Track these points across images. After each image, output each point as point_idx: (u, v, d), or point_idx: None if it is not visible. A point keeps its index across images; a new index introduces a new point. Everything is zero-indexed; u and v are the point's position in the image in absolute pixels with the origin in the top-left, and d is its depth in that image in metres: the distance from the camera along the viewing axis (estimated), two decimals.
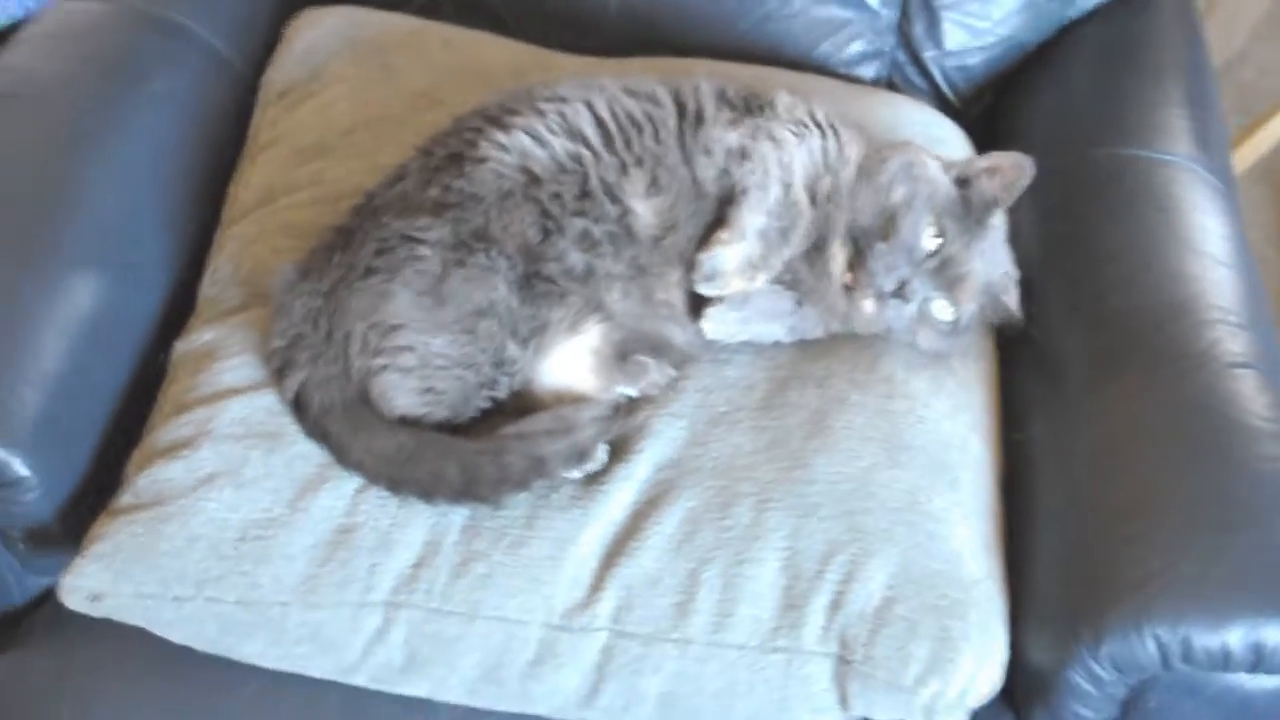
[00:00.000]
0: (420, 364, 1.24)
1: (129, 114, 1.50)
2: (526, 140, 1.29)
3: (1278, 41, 2.61)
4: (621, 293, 1.28)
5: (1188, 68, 1.67)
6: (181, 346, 1.37)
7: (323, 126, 1.56)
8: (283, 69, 1.67)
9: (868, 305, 1.28)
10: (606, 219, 1.27)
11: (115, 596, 1.20)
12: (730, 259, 1.26)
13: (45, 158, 1.44)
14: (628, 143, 1.30)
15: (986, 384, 1.37)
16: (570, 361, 1.29)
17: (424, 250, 1.24)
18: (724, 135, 1.31)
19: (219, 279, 1.43)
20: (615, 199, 1.28)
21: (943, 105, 1.74)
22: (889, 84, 1.77)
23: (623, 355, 1.29)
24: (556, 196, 1.27)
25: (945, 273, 1.27)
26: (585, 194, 1.28)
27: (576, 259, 1.26)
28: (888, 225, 1.27)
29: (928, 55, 1.75)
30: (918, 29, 1.74)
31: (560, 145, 1.29)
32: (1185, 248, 1.38)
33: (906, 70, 1.77)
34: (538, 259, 1.25)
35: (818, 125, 1.34)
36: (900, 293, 1.26)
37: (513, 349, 1.25)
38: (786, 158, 1.30)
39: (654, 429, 1.28)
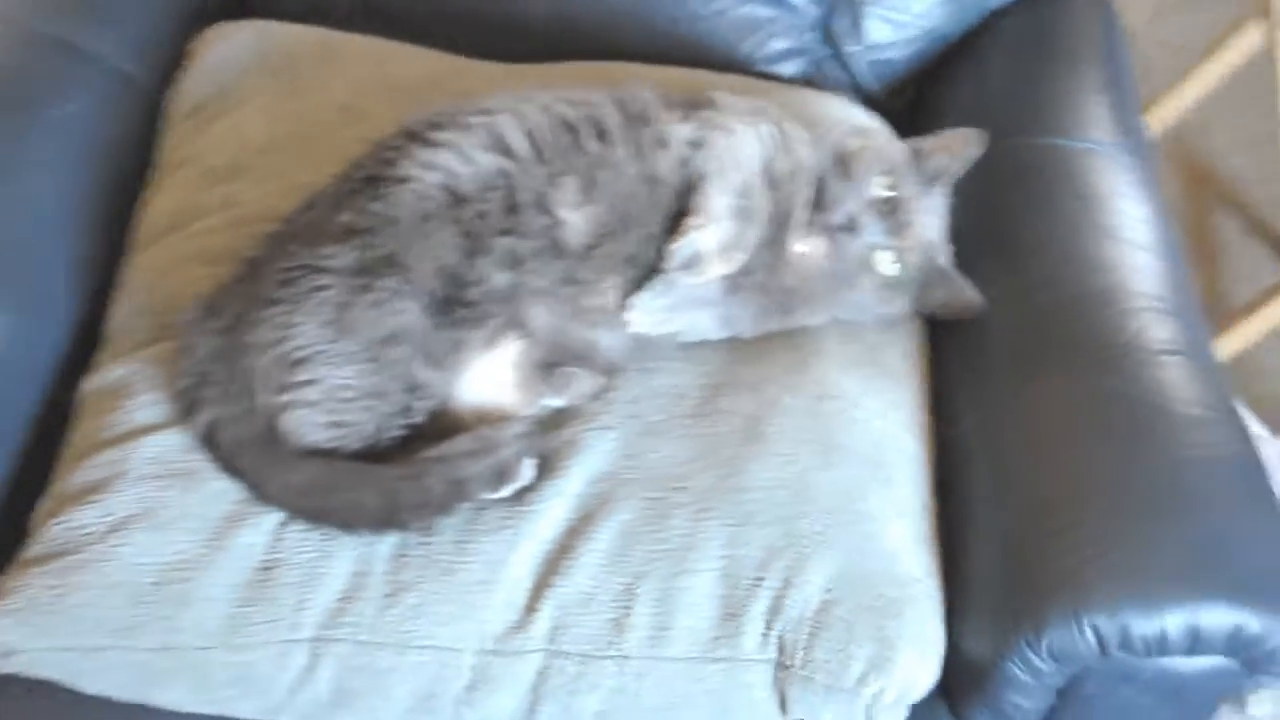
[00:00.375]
0: (326, 397, 1.21)
1: (25, 141, 1.46)
2: (451, 158, 1.26)
3: (1178, 16, 2.64)
4: (546, 308, 1.26)
5: (1104, 52, 1.68)
6: (89, 384, 1.33)
7: (235, 146, 1.53)
8: (191, 86, 1.64)
9: (818, 245, 1.29)
10: (533, 234, 1.25)
11: (28, 652, 1.18)
12: (708, 240, 1.26)
13: None
14: (560, 150, 1.28)
15: (918, 380, 1.37)
16: (490, 377, 1.27)
17: (326, 279, 1.21)
18: (678, 129, 1.31)
19: (127, 311, 1.40)
20: (544, 210, 1.26)
21: (865, 99, 1.73)
22: (808, 81, 1.75)
23: (547, 366, 1.27)
24: (481, 216, 1.24)
25: (893, 218, 1.29)
26: (511, 209, 1.25)
27: (500, 279, 1.24)
28: (842, 168, 1.30)
29: (849, 50, 1.74)
30: (840, 24, 1.73)
31: (486, 160, 1.27)
32: (1106, 235, 1.39)
33: (826, 66, 1.76)
34: (458, 283, 1.23)
35: (762, 116, 1.35)
36: (849, 226, 1.28)
37: (425, 373, 1.22)
38: (740, 144, 1.31)
39: (584, 442, 1.26)
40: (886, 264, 1.30)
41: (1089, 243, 1.37)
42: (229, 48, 1.67)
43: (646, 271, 1.29)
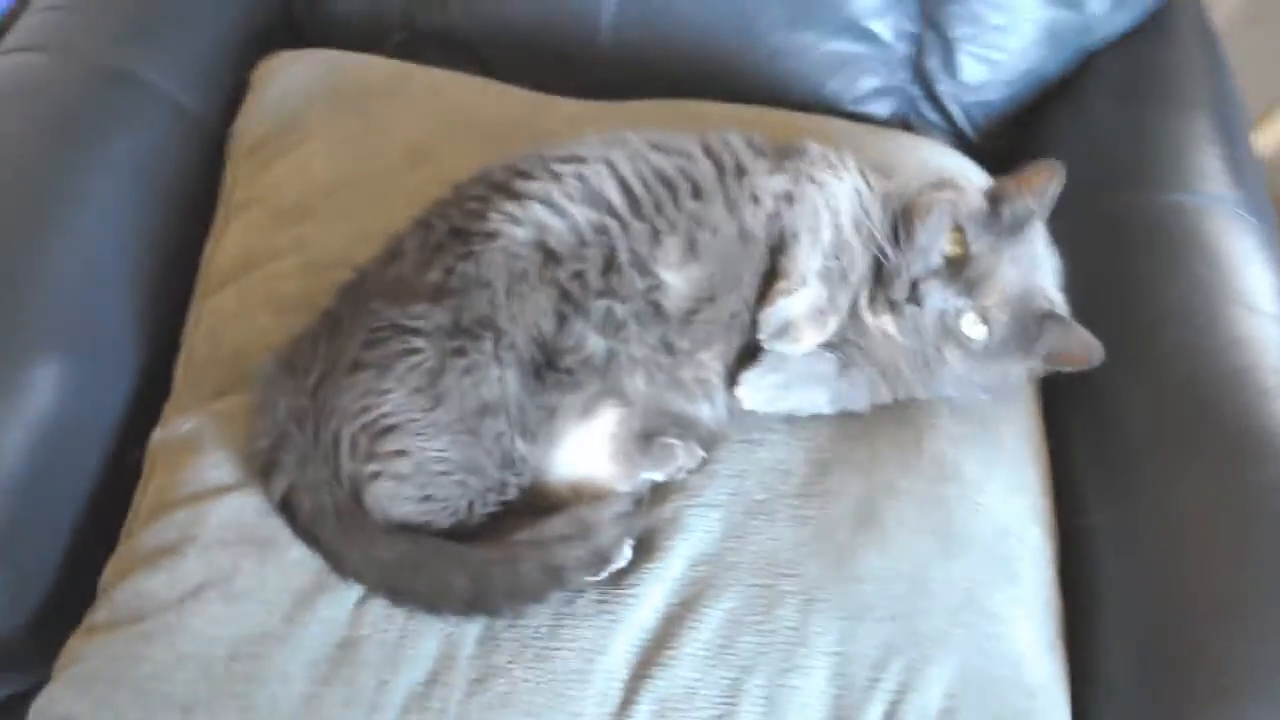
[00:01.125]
0: (417, 470, 1.16)
1: (86, 179, 1.41)
2: (542, 211, 1.20)
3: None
4: (644, 375, 1.21)
5: (1215, 97, 1.63)
6: (158, 438, 1.28)
7: (302, 185, 1.48)
8: (253, 120, 1.59)
9: (886, 323, 1.22)
10: (634, 296, 1.20)
11: None
12: (798, 306, 1.20)
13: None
14: (658, 205, 1.22)
15: (1039, 461, 1.32)
16: (586, 449, 1.21)
17: (418, 341, 1.16)
18: (769, 181, 1.25)
19: (197, 360, 1.35)
20: (645, 271, 1.20)
21: (961, 143, 1.69)
22: (904, 122, 1.71)
23: (645, 437, 1.21)
24: (577, 275, 1.19)
25: (965, 277, 1.20)
26: (610, 269, 1.20)
27: (596, 345, 1.19)
28: (903, 230, 1.22)
29: (943, 90, 1.70)
30: (932, 62, 1.69)
31: (581, 214, 1.21)
32: (1238, 304, 1.34)
33: (921, 106, 1.72)
34: (554, 348, 1.18)
35: (850, 169, 1.29)
36: (914, 297, 1.20)
37: (521, 447, 1.17)
38: (832, 199, 1.24)
39: (685, 521, 1.21)
40: (970, 327, 1.21)
41: (1221, 313, 1.32)
42: (290, 79, 1.62)
43: (744, 336, 1.23)
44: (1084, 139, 1.61)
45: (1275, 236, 1.47)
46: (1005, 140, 1.71)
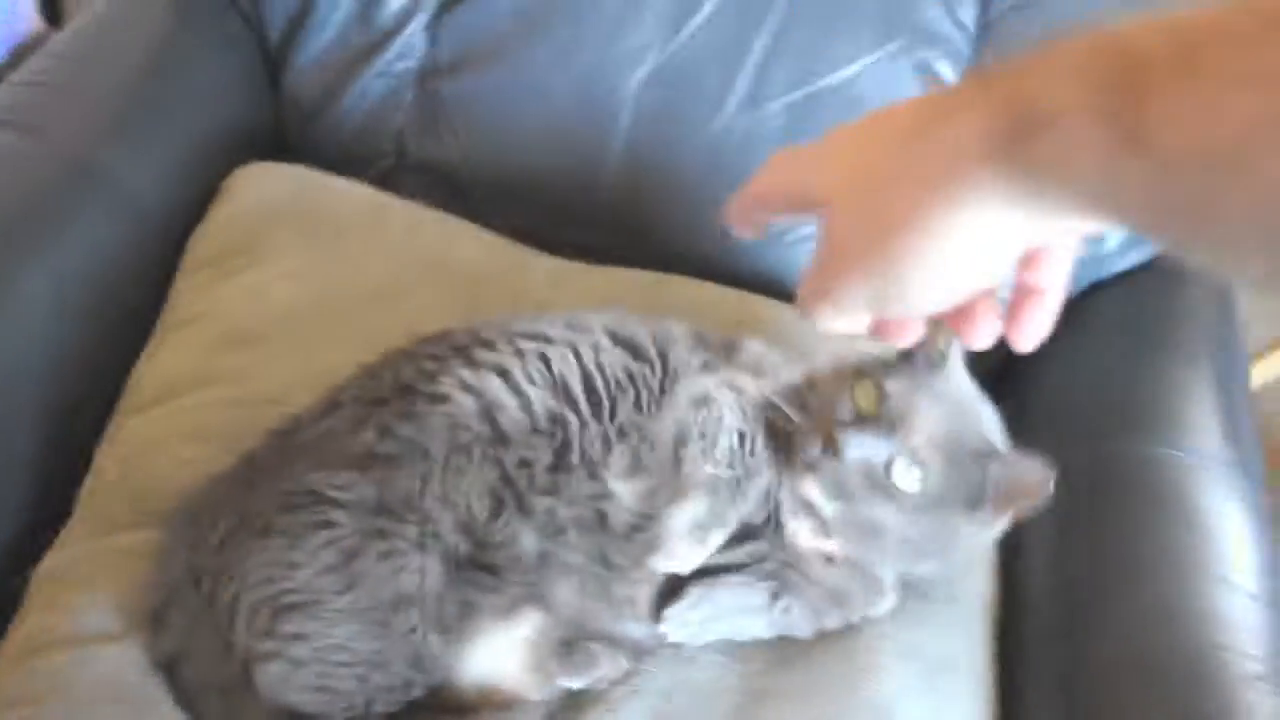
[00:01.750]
0: (315, 657, 1.07)
1: (23, 277, 1.36)
2: (498, 385, 1.14)
3: None
4: (575, 587, 1.13)
5: (1218, 346, 1.58)
6: (46, 566, 1.20)
7: (255, 309, 1.42)
8: (215, 231, 1.53)
9: (810, 489, 1.11)
10: (579, 501, 1.12)
11: None
12: (674, 520, 1.12)
13: None
14: (613, 408, 1.16)
15: (988, 715, 1.22)
16: (500, 653, 1.13)
17: (338, 515, 1.08)
18: (693, 384, 1.17)
19: (103, 485, 1.27)
20: (595, 476, 1.13)
21: None
22: None
23: (566, 643, 1.13)
24: (524, 464, 1.12)
25: (886, 418, 1.07)
26: (560, 466, 1.13)
27: (530, 544, 1.11)
28: (807, 395, 1.14)
29: None
30: None
31: (539, 400, 1.14)
32: (1219, 581, 1.27)
33: None
34: (481, 539, 1.10)
35: (777, 368, 1.22)
36: (829, 448, 1.07)
37: (434, 645, 1.09)
38: (743, 404, 1.15)
39: None
40: (901, 475, 1.07)
41: (1202, 589, 1.25)
42: (263, 193, 1.57)
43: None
44: (1077, 377, 1.56)
45: (1260, 495, 1.41)
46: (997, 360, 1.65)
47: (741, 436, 1.14)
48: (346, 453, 1.11)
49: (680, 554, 1.12)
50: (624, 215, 1.67)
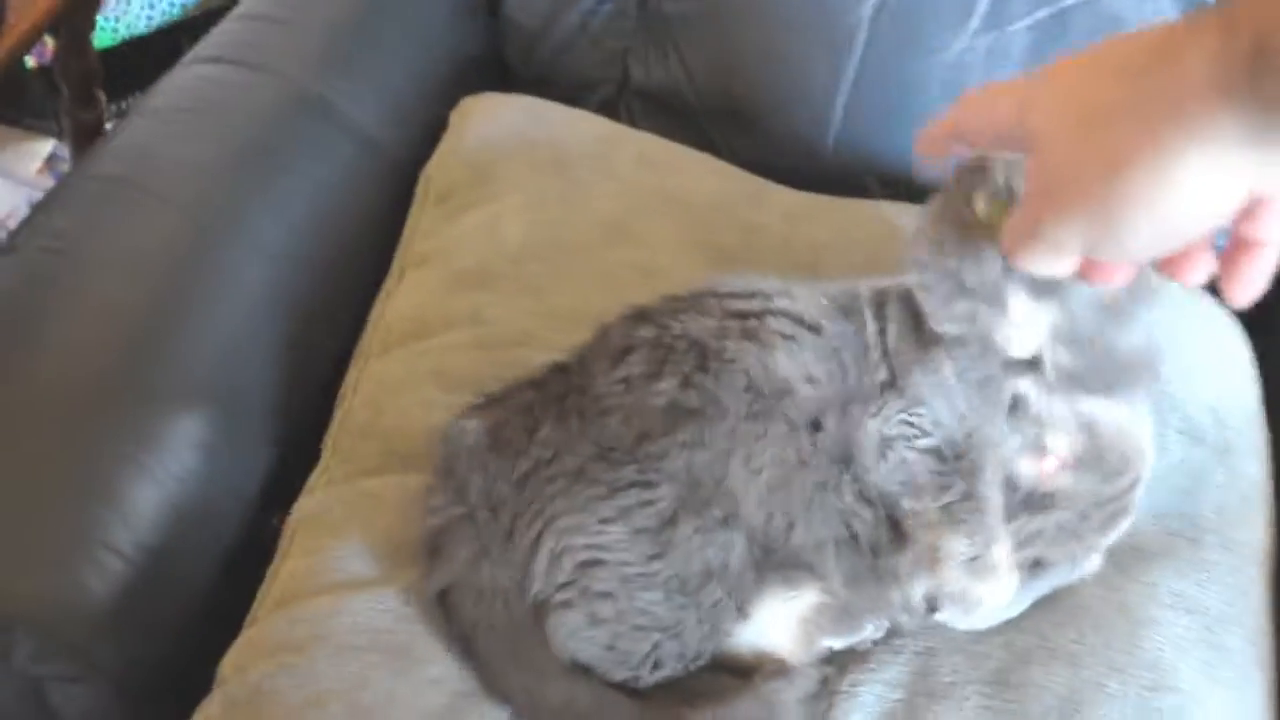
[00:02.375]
0: (617, 617, 1.05)
1: (256, 215, 1.36)
2: (784, 359, 1.09)
3: None
4: (847, 574, 1.10)
5: None
6: (300, 512, 1.21)
7: (488, 247, 1.40)
8: (446, 165, 1.52)
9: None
10: (846, 504, 1.09)
11: None
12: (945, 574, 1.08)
13: (155, 267, 1.30)
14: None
15: (1265, 673, 1.18)
16: (778, 623, 1.10)
17: (656, 477, 1.05)
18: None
19: (351, 428, 1.27)
20: (858, 480, 1.10)
21: None
22: None
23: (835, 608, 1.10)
24: (811, 446, 1.08)
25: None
26: (837, 457, 1.09)
27: (813, 531, 1.08)
28: None
29: None
30: None
31: (823, 380, 1.10)
32: None
33: None
34: (773, 521, 1.07)
35: None
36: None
37: (729, 619, 1.06)
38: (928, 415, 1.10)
39: (861, 698, 1.10)
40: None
41: None
42: (491, 126, 1.55)
43: None
44: None
45: None
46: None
47: (938, 453, 1.07)
48: (651, 405, 1.07)
49: (976, 598, 1.07)
50: (855, 143, 1.62)
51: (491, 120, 1.56)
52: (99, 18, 2.20)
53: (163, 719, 1.10)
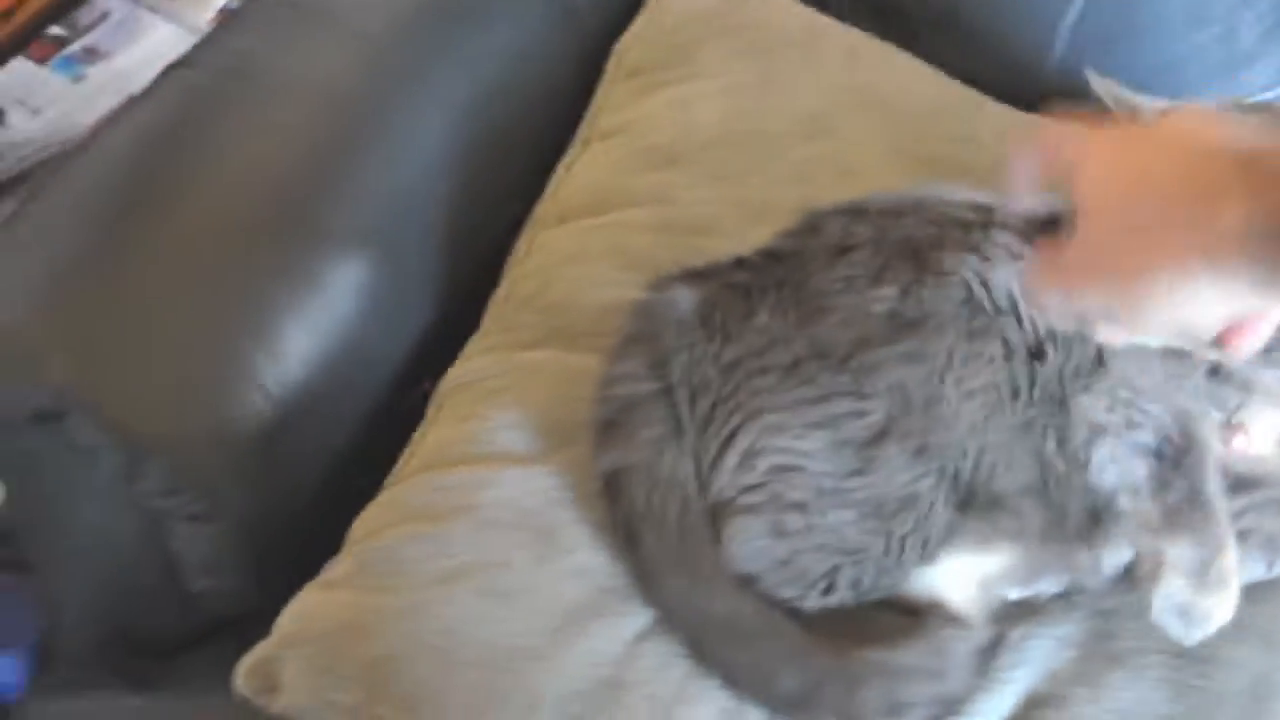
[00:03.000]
0: (802, 531, 0.98)
1: (444, 69, 1.32)
2: (1005, 281, 1.01)
3: None
4: (1037, 539, 1.02)
5: None
6: (454, 377, 1.16)
7: (680, 127, 1.33)
8: (643, 40, 1.45)
9: None
10: (1054, 455, 1.02)
11: (297, 694, 0.98)
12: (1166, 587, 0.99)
13: (335, 100, 1.26)
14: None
15: None
16: (963, 576, 1.03)
17: (871, 390, 0.98)
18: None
19: (517, 296, 1.22)
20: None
21: None
22: None
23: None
24: (1034, 387, 1.00)
25: None
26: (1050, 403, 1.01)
27: (1019, 480, 1.00)
28: None
29: None
30: None
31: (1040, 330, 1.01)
32: None
33: None
34: (979, 466, 1.00)
35: None
36: None
37: (913, 557, 0.99)
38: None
39: (1031, 652, 1.02)
40: None
41: None
42: (693, 4, 1.48)
43: None
44: None
45: None
46: None
47: (1158, 454, 0.99)
48: (871, 311, 1.00)
49: (1204, 611, 0.97)
50: (1081, 65, 1.51)
51: (696, 1, 1.48)
52: None
53: (288, 576, 1.05)
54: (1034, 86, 1.47)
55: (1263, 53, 1.45)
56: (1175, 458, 0.98)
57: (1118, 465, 0.99)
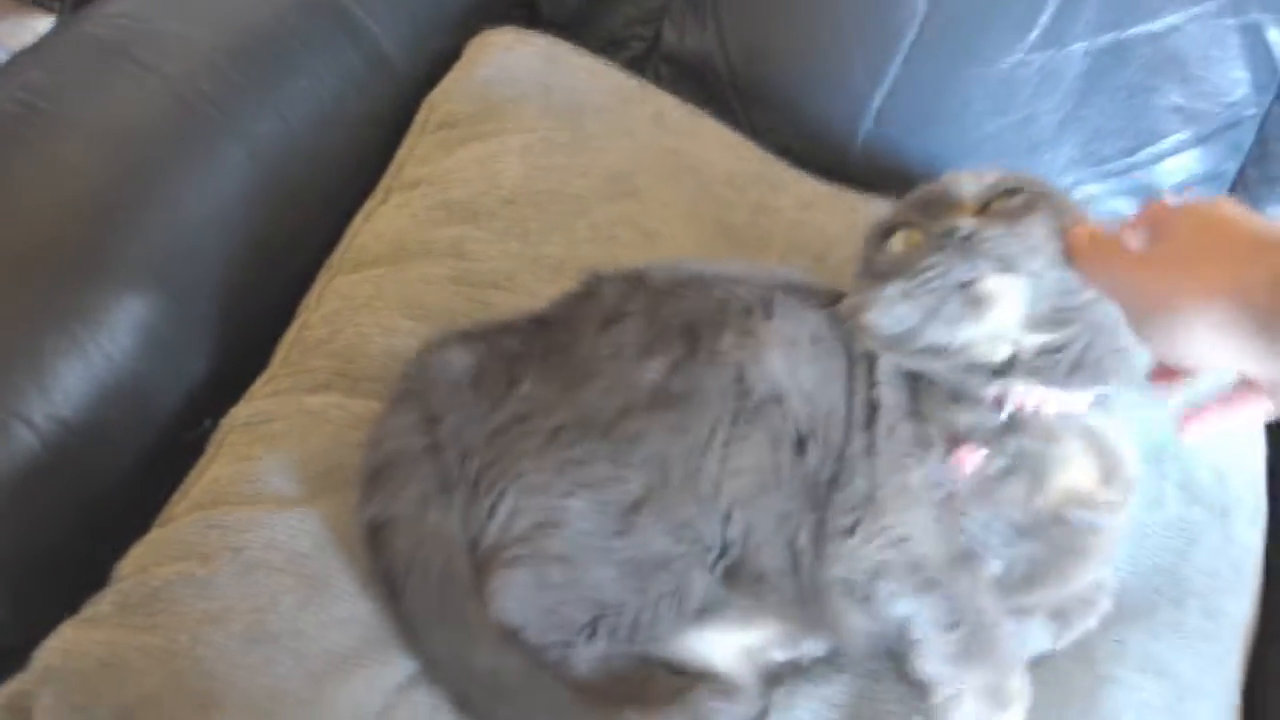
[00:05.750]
0: (564, 584, 1.01)
1: (247, 110, 1.33)
2: (780, 368, 1.06)
3: None
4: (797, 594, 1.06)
5: None
6: (235, 416, 1.17)
7: (483, 182, 1.36)
8: (456, 94, 1.48)
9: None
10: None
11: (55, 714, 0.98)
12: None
13: (129, 139, 1.27)
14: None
15: None
16: (724, 649, 1.06)
17: (635, 458, 1.02)
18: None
19: (307, 340, 1.23)
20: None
21: None
22: None
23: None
24: (795, 463, 1.04)
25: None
26: (827, 482, 1.05)
27: (779, 560, 1.04)
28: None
29: None
30: None
31: (818, 404, 1.07)
32: None
33: None
34: (745, 540, 1.03)
35: None
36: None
37: (669, 616, 1.02)
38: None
39: (799, 712, 1.06)
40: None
41: None
42: (508, 62, 1.51)
43: None
44: None
45: None
46: None
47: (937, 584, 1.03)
48: (635, 381, 1.04)
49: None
50: (888, 142, 1.58)
51: (508, 56, 1.52)
52: None
53: (51, 610, 1.04)
54: (843, 160, 1.54)
55: (1060, 139, 1.52)
56: (955, 597, 1.02)
57: (904, 601, 1.02)
